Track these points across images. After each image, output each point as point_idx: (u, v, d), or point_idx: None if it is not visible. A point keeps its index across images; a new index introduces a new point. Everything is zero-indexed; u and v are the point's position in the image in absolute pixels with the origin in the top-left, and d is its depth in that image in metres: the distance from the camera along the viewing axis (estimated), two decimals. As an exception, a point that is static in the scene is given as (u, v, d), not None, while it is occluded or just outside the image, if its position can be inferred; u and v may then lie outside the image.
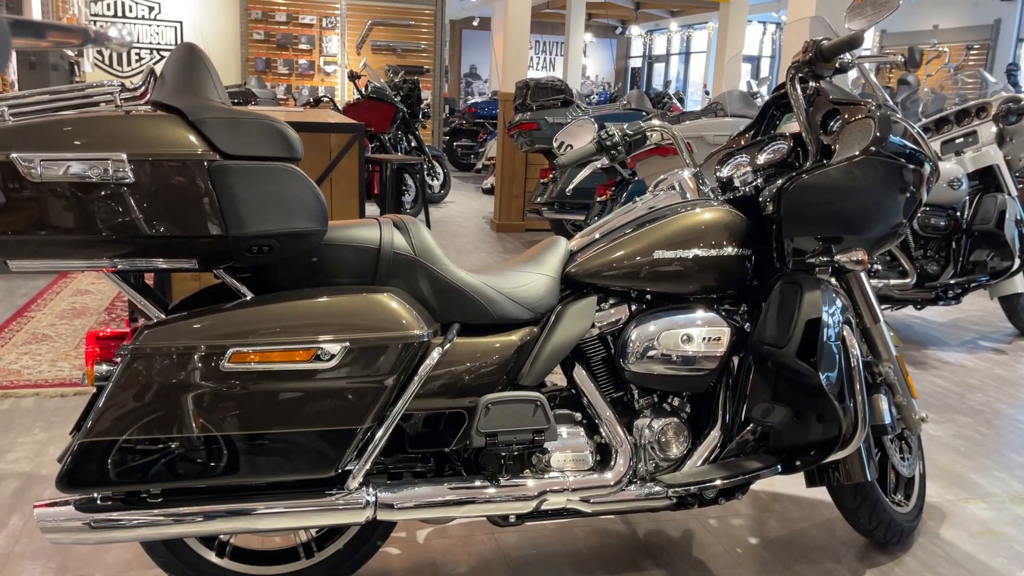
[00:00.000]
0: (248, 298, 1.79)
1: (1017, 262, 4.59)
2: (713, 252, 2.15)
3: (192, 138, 1.61)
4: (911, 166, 2.20)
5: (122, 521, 1.75)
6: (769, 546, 2.44)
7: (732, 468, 2.14)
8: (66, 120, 1.58)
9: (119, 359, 1.69)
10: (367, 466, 1.85)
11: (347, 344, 1.75)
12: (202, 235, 1.65)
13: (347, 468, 1.85)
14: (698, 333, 2.13)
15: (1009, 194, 4.71)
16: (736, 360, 2.24)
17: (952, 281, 4.68)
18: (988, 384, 4.05)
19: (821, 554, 2.41)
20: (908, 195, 2.22)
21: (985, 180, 4.77)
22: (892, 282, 4.56)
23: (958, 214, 4.67)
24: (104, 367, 1.74)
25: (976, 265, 4.69)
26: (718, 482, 2.09)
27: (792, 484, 2.83)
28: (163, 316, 1.76)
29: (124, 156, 1.56)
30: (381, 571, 2.23)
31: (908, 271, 4.60)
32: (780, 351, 2.07)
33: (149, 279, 4.33)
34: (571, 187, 2.99)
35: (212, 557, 1.99)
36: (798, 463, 2.15)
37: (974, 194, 4.73)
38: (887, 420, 2.31)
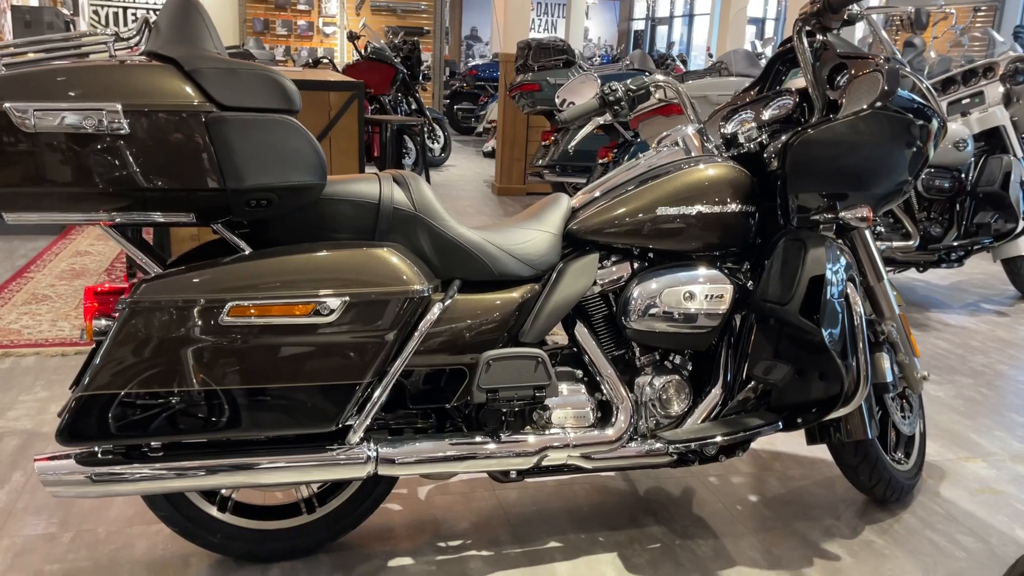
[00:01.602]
0: (246, 252, 1.78)
1: (1021, 224, 4.56)
2: (716, 209, 2.13)
3: (188, 89, 1.58)
4: (919, 121, 2.17)
5: (123, 474, 1.76)
6: (769, 503, 2.45)
7: (733, 425, 2.14)
8: (60, 69, 1.55)
9: (117, 313, 1.67)
10: (368, 421, 1.84)
11: (347, 299, 1.73)
12: (199, 188, 1.63)
13: (348, 423, 1.85)
14: (700, 290, 2.12)
15: (1015, 155, 4.66)
16: (738, 318, 2.23)
17: (955, 243, 4.65)
18: (989, 346, 4.05)
19: (821, 511, 2.42)
20: (915, 151, 2.19)
21: (991, 141, 4.72)
22: (895, 244, 4.53)
23: (963, 176, 4.63)
24: (103, 322, 1.73)
25: (980, 227, 4.66)
26: (719, 439, 2.09)
27: (792, 442, 2.83)
28: (161, 271, 1.74)
29: (119, 107, 1.53)
30: (383, 527, 2.24)
31: (911, 233, 4.57)
32: (783, 308, 2.05)
33: (148, 235, 4.32)
34: (573, 145, 2.97)
35: (214, 512, 2.00)
36: (799, 420, 2.15)
37: (979, 155, 4.68)
38: (889, 378, 2.31)
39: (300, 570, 2.05)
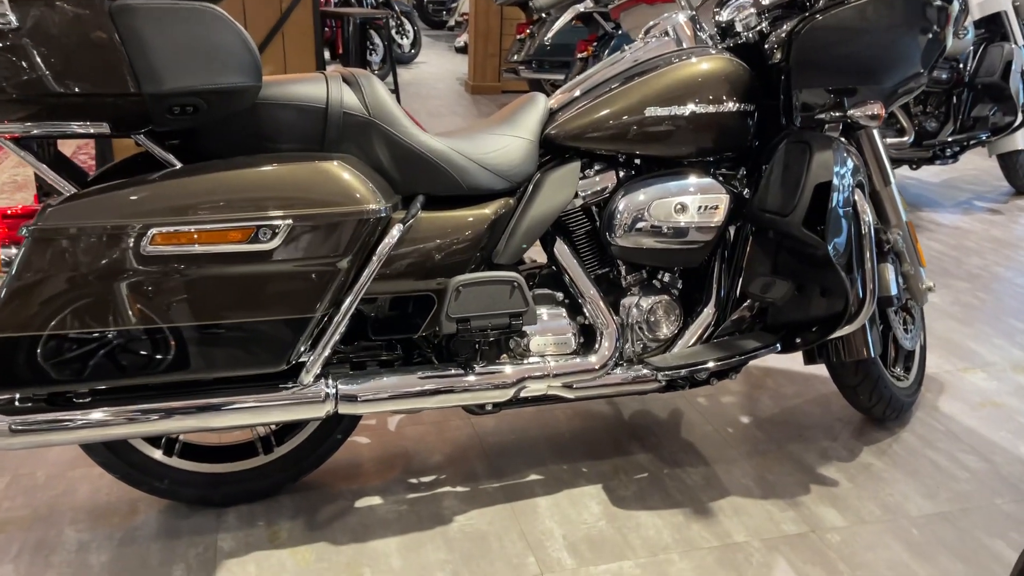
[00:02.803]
0: (175, 168, 1.54)
1: (1020, 117, 4.34)
2: (711, 108, 1.89)
3: (82, -30, 1.31)
4: (937, 2, 1.92)
5: (46, 424, 1.55)
6: (762, 425, 2.31)
7: (726, 348, 1.96)
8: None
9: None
10: (323, 357, 1.64)
11: (290, 222, 1.50)
12: (109, 93, 1.38)
13: (301, 360, 1.65)
14: (693, 201, 1.91)
15: (1016, 44, 4.40)
16: (732, 230, 2.03)
17: (951, 138, 4.44)
18: (985, 246, 3.89)
19: (816, 432, 2.28)
20: (932, 37, 1.95)
21: (991, 28, 4.45)
22: (888, 141, 4.32)
23: (961, 66, 4.38)
24: (13, 251, 1.50)
25: (977, 121, 4.44)
26: (711, 364, 1.92)
27: (785, 358, 2.68)
28: (77, 190, 1.50)
29: (-2, -5, 1.26)
30: (349, 463, 2.08)
31: (906, 129, 4.35)
32: (784, 219, 1.85)
33: (79, 152, 4.04)
34: (549, 37, 2.68)
35: (159, 456, 1.82)
36: (798, 341, 1.98)
37: (979, 44, 4.42)
38: (893, 291, 2.13)
39: (259, 514, 1.89)
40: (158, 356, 1.52)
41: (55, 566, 1.72)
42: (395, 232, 1.63)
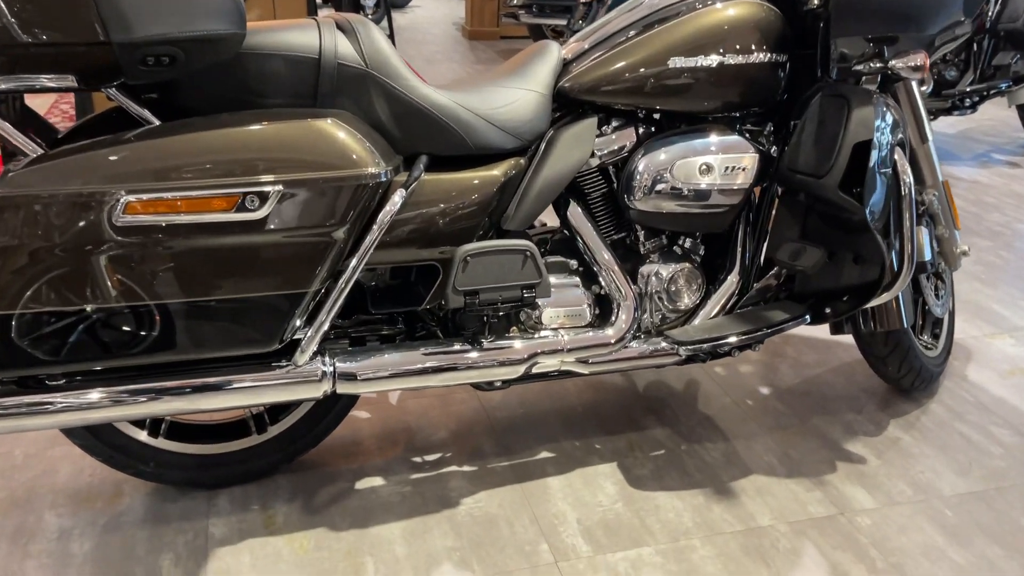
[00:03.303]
0: (151, 127, 1.38)
1: (1044, 65, 4.16)
2: (741, 59, 1.73)
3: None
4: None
5: (23, 408, 1.42)
6: (783, 396, 2.19)
7: (752, 320, 1.83)
8: None
9: (-16, 212, 1.29)
10: (320, 335, 1.51)
11: (281, 187, 1.35)
12: (73, 41, 1.23)
13: (296, 338, 1.51)
14: (719, 161, 1.75)
15: (1041, -13, 4.20)
16: (757, 191, 1.88)
17: (970, 88, 4.26)
18: (1005, 202, 3.74)
19: (840, 404, 2.17)
20: (983, -19, 1.79)
21: (1015, -28, 4.24)
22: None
23: (982, 12, 4.18)
24: (-26, 219, 1.35)
25: (998, 69, 4.26)
26: (736, 339, 1.78)
27: (803, 323, 2.55)
28: (45, 151, 1.34)
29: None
30: (348, 439, 1.96)
31: (924, 79, 4.16)
32: (818, 181, 1.70)
33: (60, 103, 3.86)
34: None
35: (143, 437, 1.69)
36: (828, 311, 1.85)
37: (1002, -12, 4.21)
38: (927, 256, 1.99)
39: (253, 497, 1.77)
40: (136, 337, 1.38)
41: (34, 556, 1.60)
42: (397, 198, 1.48)
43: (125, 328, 1.38)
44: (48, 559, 1.59)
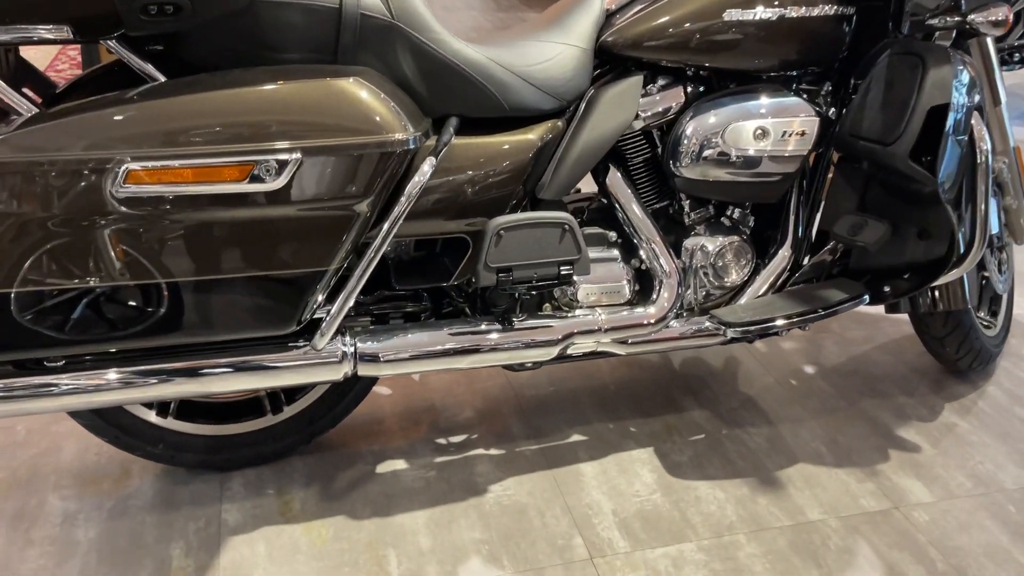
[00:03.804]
0: (155, 84, 1.25)
1: (1101, 19, 3.92)
2: (804, 11, 1.57)
3: None
4: None
5: (27, 390, 1.30)
6: (829, 376, 2.06)
7: (804, 300, 1.69)
8: None
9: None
10: (342, 315, 1.38)
11: (299, 155, 1.21)
12: (66, -12, 1.09)
13: (317, 316, 1.39)
14: (776, 125, 1.60)
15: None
16: (812, 156, 1.73)
17: (1018, 42, 4.03)
18: (1056, 166, 3.54)
19: (890, 385, 2.03)
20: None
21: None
22: (953, 45, 3.92)
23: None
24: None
25: (1050, 23, 4.02)
26: (786, 321, 1.64)
27: (848, 295, 2.41)
28: (38, 110, 1.21)
29: None
30: (369, 418, 1.85)
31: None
32: (887, 149, 1.54)
33: (60, 54, 3.72)
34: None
35: (152, 417, 1.58)
36: (888, 290, 1.71)
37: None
38: (995, 229, 1.85)
39: (268, 480, 1.67)
40: (140, 317, 1.26)
41: (36, 543, 1.51)
42: (426, 166, 1.34)
43: (128, 308, 1.25)
44: (51, 546, 1.50)
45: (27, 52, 1.44)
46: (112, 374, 1.32)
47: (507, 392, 1.95)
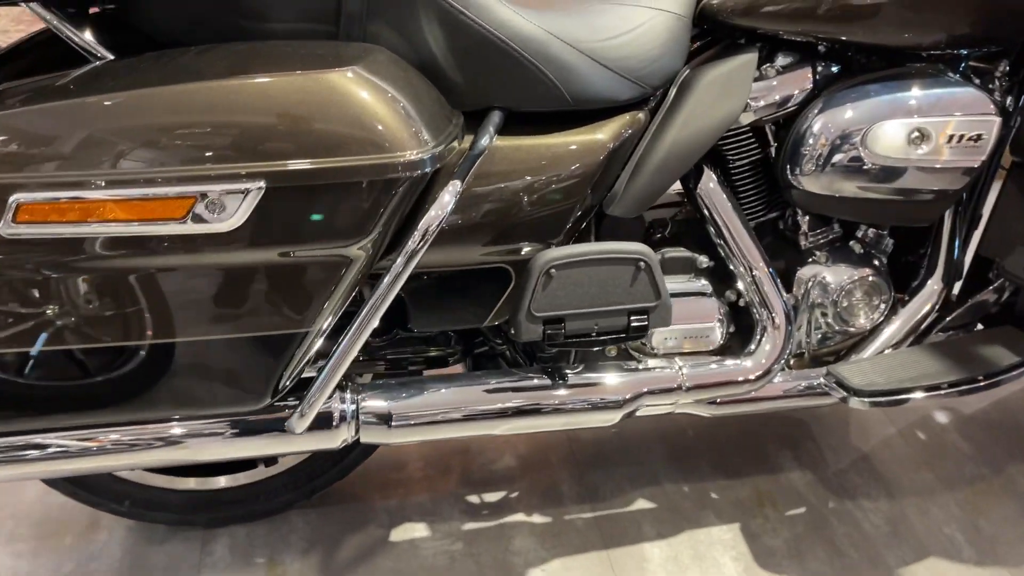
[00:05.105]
0: (98, 63, 0.91)
1: None
2: (990, -34, 1.11)
3: None
4: None
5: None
6: (967, 428, 1.64)
7: (959, 359, 1.27)
8: None
9: None
10: (332, 383, 1.03)
11: (262, 184, 0.85)
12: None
13: (307, 375, 1.05)
14: (940, 126, 1.16)
15: None
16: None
17: None
18: None
19: (1044, 445, 1.61)
20: None
21: None
22: None
23: None
24: None
25: None
26: (924, 394, 1.23)
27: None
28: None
29: None
30: (388, 463, 1.52)
31: None
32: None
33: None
34: None
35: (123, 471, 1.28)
36: (1071, 346, 1.28)
37: None
38: None
39: (259, 542, 1.37)
40: (62, 391, 0.94)
41: (-27, 619, 1.24)
42: (451, 189, 0.96)
43: (46, 380, 0.93)
44: (-10, 624, 1.23)
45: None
46: (41, 444, 1.01)
47: (558, 435, 1.60)
